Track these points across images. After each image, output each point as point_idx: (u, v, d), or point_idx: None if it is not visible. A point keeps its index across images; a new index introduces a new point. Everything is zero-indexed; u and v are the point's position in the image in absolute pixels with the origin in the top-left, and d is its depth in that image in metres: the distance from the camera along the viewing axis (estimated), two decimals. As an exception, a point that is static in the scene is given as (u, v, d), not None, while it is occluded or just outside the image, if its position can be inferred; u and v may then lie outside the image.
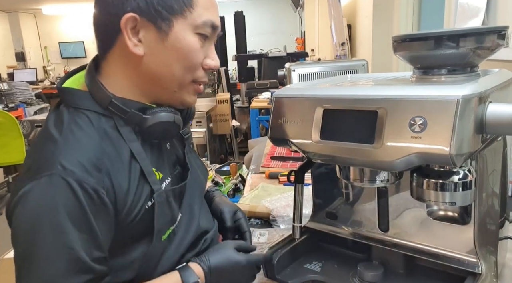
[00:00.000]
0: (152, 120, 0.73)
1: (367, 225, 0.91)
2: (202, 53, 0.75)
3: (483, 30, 0.67)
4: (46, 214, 0.63)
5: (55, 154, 0.66)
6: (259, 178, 1.64)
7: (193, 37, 0.73)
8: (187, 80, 0.76)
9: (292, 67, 1.85)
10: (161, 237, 0.75)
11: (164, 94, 0.77)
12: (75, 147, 0.67)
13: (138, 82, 0.75)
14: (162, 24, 0.70)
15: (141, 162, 0.73)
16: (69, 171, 0.64)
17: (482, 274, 0.74)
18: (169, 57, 0.72)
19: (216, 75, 4.46)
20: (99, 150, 0.68)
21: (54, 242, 0.63)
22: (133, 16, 0.69)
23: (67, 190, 0.63)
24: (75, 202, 0.63)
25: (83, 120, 0.70)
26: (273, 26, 8.79)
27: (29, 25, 9.09)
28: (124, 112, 0.72)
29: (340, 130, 0.68)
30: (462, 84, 0.61)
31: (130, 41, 0.70)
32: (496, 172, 0.77)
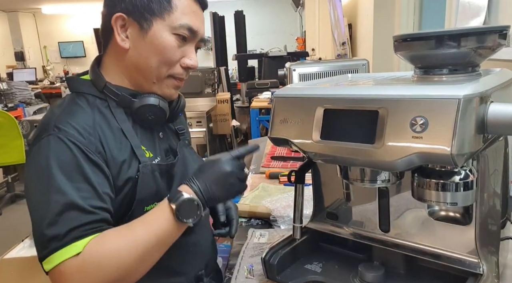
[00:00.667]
0: (139, 103, 0.86)
1: (368, 225, 0.91)
2: (180, 52, 0.86)
3: (484, 30, 0.67)
4: (43, 167, 0.74)
5: (52, 119, 0.79)
6: (260, 178, 1.64)
7: (169, 36, 0.84)
8: (163, 73, 0.86)
9: (292, 67, 1.85)
10: (144, 207, 0.84)
11: (146, 85, 0.88)
12: (70, 115, 0.80)
13: (127, 73, 0.88)
14: (144, 23, 0.83)
15: (130, 138, 0.84)
16: (63, 131, 0.77)
17: (483, 274, 0.73)
18: (147, 51, 0.84)
19: (216, 75, 4.46)
20: (92, 120, 0.81)
21: (47, 188, 0.73)
22: (121, 15, 0.83)
23: (61, 145, 0.75)
24: (68, 155, 0.75)
25: (81, 100, 0.85)
26: (273, 26, 8.79)
27: (29, 25, 9.09)
28: (116, 95, 0.86)
29: (341, 130, 0.68)
30: (463, 84, 0.61)
31: (118, 37, 0.84)
32: (497, 172, 0.76)
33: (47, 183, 0.73)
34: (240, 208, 1.28)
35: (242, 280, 0.91)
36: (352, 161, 0.69)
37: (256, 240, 1.10)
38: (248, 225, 1.23)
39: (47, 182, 0.73)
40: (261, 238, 1.11)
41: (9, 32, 8.80)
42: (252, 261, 0.98)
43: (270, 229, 1.17)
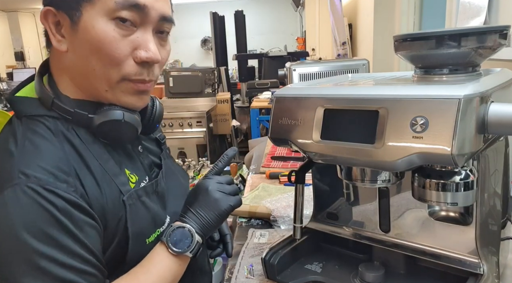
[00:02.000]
0: (98, 119, 0.67)
1: (368, 225, 0.91)
2: (127, 43, 0.65)
3: (484, 30, 0.67)
4: (9, 236, 0.56)
5: (14, 164, 0.59)
6: (260, 178, 1.64)
7: (105, 24, 0.63)
8: (113, 77, 0.66)
9: (292, 67, 1.85)
10: (144, 240, 0.71)
11: (99, 94, 0.69)
12: (35, 154, 0.61)
13: (76, 81, 0.69)
14: (72, 13, 0.63)
15: (104, 165, 0.68)
16: (33, 178, 0.58)
17: (484, 274, 0.73)
18: (85, 51, 0.64)
19: (216, 75, 4.46)
20: (62, 154, 0.63)
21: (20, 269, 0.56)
22: (50, 10, 0.64)
23: (34, 197, 0.57)
24: (45, 213, 0.57)
25: (39, 127, 0.65)
26: (273, 26, 8.79)
27: (29, 25, 9.09)
28: (67, 112, 0.66)
29: (341, 130, 0.68)
30: (463, 84, 0.60)
31: (53, 37, 0.66)
32: (498, 172, 0.76)
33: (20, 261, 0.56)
34: (240, 208, 1.27)
35: (242, 280, 0.91)
36: (352, 161, 0.69)
37: (256, 240, 1.10)
38: (248, 225, 1.23)
39: (20, 260, 0.56)
40: (261, 238, 1.11)
41: (9, 32, 8.81)
42: (252, 261, 0.98)
43: (270, 229, 1.17)
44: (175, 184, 0.85)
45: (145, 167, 0.78)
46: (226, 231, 0.94)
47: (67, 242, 0.58)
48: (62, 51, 0.66)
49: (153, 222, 0.73)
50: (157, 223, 0.74)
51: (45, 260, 0.56)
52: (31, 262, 0.56)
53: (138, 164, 0.76)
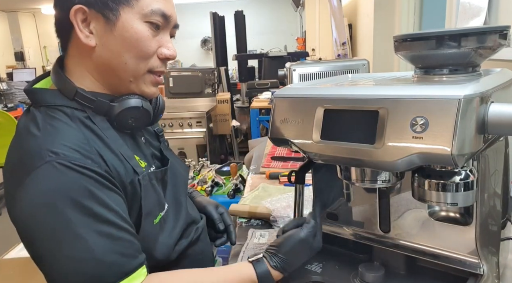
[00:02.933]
0: (119, 107, 0.76)
1: (368, 225, 0.91)
2: (155, 42, 0.76)
3: (484, 30, 0.67)
4: (51, 207, 0.62)
5: (41, 145, 0.66)
6: (260, 178, 1.64)
7: (141, 25, 0.74)
8: (141, 70, 0.77)
9: (292, 67, 1.85)
10: (152, 220, 0.77)
11: (122, 86, 0.78)
12: (58, 136, 0.68)
13: (97, 75, 0.77)
14: (110, 14, 0.72)
15: (120, 148, 0.75)
16: (62, 155, 0.65)
17: (484, 275, 0.73)
18: (119, 47, 0.74)
19: (216, 75, 4.46)
20: (82, 136, 0.70)
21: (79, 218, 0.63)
22: (81, 8, 0.72)
23: (67, 172, 0.64)
24: (80, 183, 0.64)
25: (58, 114, 0.72)
26: (273, 26, 8.79)
27: (29, 25, 9.09)
28: (91, 101, 0.74)
29: (341, 131, 0.68)
30: (463, 84, 0.60)
31: (81, 33, 0.73)
32: (498, 172, 0.76)
33: (63, 228, 0.62)
34: (240, 209, 1.28)
35: (242, 281, 0.91)
36: (352, 161, 0.69)
37: (256, 241, 1.10)
38: (248, 225, 1.23)
39: (63, 227, 0.62)
40: (261, 239, 1.11)
41: (9, 32, 8.81)
42: (252, 261, 0.98)
43: (270, 229, 1.17)
44: (175, 173, 0.89)
45: (149, 155, 0.85)
46: (229, 221, 0.99)
47: (102, 211, 0.65)
48: (90, 46, 0.73)
49: (158, 205, 0.79)
50: (160, 207, 0.80)
51: (82, 229, 0.63)
52: (70, 232, 0.62)
53: (145, 152, 0.84)
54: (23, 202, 0.64)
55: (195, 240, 0.90)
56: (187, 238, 0.87)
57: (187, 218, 0.88)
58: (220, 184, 2.37)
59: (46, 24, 9.13)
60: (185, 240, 0.86)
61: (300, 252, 0.80)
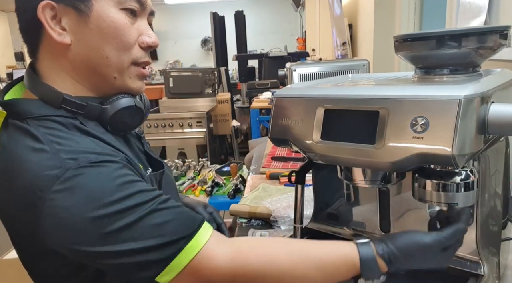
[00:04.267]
0: (112, 109, 0.71)
1: (368, 226, 0.91)
2: (134, 30, 0.71)
3: (485, 30, 0.67)
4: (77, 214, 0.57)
5: (54, 157, 0.60)
6: (260, 178, 1.64)
7: (118, 13, 0.69)
8: (124, 62, 0.71)
9: (293, 67, 1.85)
10: None
11: (105, 84, 0.72)
12: (66, 143, 0.62)
13: (77, 76, 0.71)
14: (81, 5, 0.66)
15: (123, 151, 0.71)
16: (81, 159, 0.60)
17: (484, 275, 0.73)
18: (97, 40, 0.68)
19: (216, 75, 4.46)
20: (88, 140, 0.65)
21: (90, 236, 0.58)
22: (49, 3, 0.65)
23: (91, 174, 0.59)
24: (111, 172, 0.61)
25: (52, 125, 0.65)
26: (273, 26, 8.79)
27: (30, 25, 9.09)
28: (81, 107, 0.68)
29: (341, 131, 0.68)
30: (464, 84, 0.60)
31: (53, 31, 0.66)
32: (498, 172, 0.76)
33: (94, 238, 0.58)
34: (240, 209, 1.28)
35: (242, 281, 0.91)
36: (353, 162, 0.69)
37: (257, 241, 1.10)
38: (249, 225, 1.23)
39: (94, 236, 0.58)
40: (261, 239, 1.11)
41: (9, 33, 8.80)
42: (252, 261, 0.98)
43: (270, 230, 1.17)
44: (167, 177, 0.87)
45: (141, 157, 0.82)
46: (220, 220, 0.98)
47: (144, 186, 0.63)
48: (65, 44, 0.67)
49: None
50: None
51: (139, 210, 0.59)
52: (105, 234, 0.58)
53: (138, 155, 0.81)
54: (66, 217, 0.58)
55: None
56: None
57: None
58: (220, 184, 2.37)
59: (47, 24, 9.14)
60: None
61: (415, 255, 0.68)
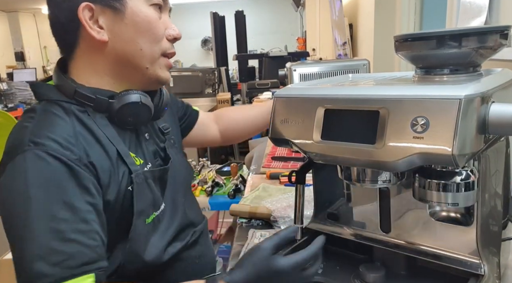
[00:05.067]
0: (118, 103, 0.76)
1: (369, 226, 0.91)
2: (162, 24, 0.78)
3: (485, 30, 0.67)
4: (20, 193, 0.63)
5: (26, 136, 0.68)
6: (260, 178, 1.64)
7: (148, 9, 0.76)
8: (156, 53, 0.78)
9: (293, 67, 1.85)
10: (144, 220, 0.77)
11: (137, 75, 0.79)
12: (46, 127, 0.69)
13: (110, 70, 0.78)
14: (117, 4, 0.73)
15: (117, 145, 0.75)
16: (41, 145, 0.66)
17: (484, 275, 0.73)
18: (133, 34, 0.75)
19: (217, 75, 4.46)
20: (73, 130, 0.71)
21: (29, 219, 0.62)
22: (88, 5, 0.72)
23: (39, 162, 0.64)
24: (49, 173, 0.65)
25: (54, 108, 0.74)
26: (274, 26, 8.79)
27: (29, 25, 9.09)
28: (90, 99, 0.75)
29: (342, 131, 0.68)
30: (464, 84, 0.60)
31: (92, 30, 0.73)
32: (499, 172, 0.76)
33: (27, 212, 0.62)
34: (240, 209, 1.28)
35: (242, 281, 0.91)
36: (353, 161, 0.69)
37: (257, 241, 1.10)
38: (249, 225, 1.23)
39: (27, 211, 0.62)
40: (261, 239, 1.11)
41: (9, 33, 8.81)
42: (252, 261, 0.98)
43: (270, 230, 1.17)
44: (177, 174, 0.89)
45: (150, 153, 0.84)
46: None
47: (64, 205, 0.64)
48: (103, 41, 0.74)
49: (153, 205, 0.80)
50: (155, 206, 0.80)
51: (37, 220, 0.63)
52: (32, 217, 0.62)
53: (143, 149, 0.83)
54: (1, 186, 0.66)
55: (192, 243, 0.89)
56: (182, 241, 0.86)
57: (183, 220, 0.87)
58: (221, 184, 2.37)
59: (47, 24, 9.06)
60: (179, 243, 0.85)
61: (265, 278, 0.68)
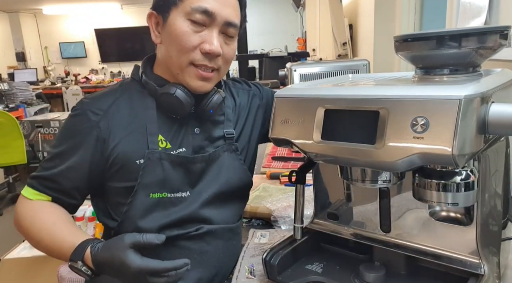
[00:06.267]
0: (160, 91, 0.89)
1: (368, 225, 0.91)
2: (197, 37, 0.85)
3: (485, 30, 0.67)
4: (65, 125, 0.92)
5: (87, 96, 0.94)
6: (260, 178, 1.64)
7: (183, 22, 0.84)
8: (183, 62, 0.86)
9: (293, 67, 1.85)
10: (148, 194, 0.87)
11: (174, 77, 0.90)
12: (97, 95, 0.93)
13: (164, 67, 0.92)
14: (165, 14, 0.87)
15: (149, 124, 0.89)
16: (79, 103, 0.91)
17: (484, 275, 0.73)
18: (167, 41, 0.87)
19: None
20: (112, 101, 0.90)
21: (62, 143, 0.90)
22: (152, 13, 0.90)
23: (73, 114, 0.90)
24: (72, 123, 0.90)
25: (123, 84, 0.96)
26: (274, 26, 8.79)
27: (30, 25, 9.09)
28: (147, 84, 0.91)
29: (342, 131, 0.68)
30: (464, 84, 0.60)
31: (153, 33, 0.91)
32: (498, 172, 0.76)
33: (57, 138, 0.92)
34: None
35: (243, 280, 0.91)
36: (353, 161, 0.69)
37: (257, 241, 1.10)
38: (249, 225, 1.23)
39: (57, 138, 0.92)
40: (262, 239, 1.11)
41: (10, 33, 8.80)
42: (253, 261, 0.98)
43: (271, 230, 1.17)
44: (221, 174, 0.95)
45: (190, 145, 0.92)
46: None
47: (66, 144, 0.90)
48: (158, 43, 0.91)
49: (162, 184, 0.88)
50: (167, 187, 0.89)
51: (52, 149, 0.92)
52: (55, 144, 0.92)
53: (181, 138, 0.92)
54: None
55: (194, 236, 0.92)
56: (182, 230, 0.90)
57: (194, 214, 0.91)
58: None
59: (47, 24, 9.14)
60: (178, 229, 0.90)
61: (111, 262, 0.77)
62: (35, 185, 0.90)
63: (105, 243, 0.80)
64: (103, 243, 0.80)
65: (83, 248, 0.80)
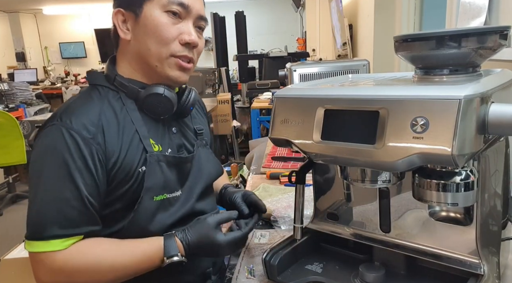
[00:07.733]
0: (145, 93, 0.89)
1: (368, 226, 0.91)
2: (176, 29, 0.87)
3: (485, 30, 0.67)
4: (48, 152, 0.80)
5: (59, 112, 0.84)
6: (260, 178, 1.64)
7: (160, 14, 0.86)
8: (163, 54, 0.87)
9: (293, 67, 1.85)
10: (152, 196, 0.87)
11: (152, 72, 0.90)
12: (77, 107, 0.85)
13: (135, 65, 0.91)
14: (137, 9, 0.87)
15: (139, 129, 0.87)
16: (65, 122, 0.81)
17: (484, 275, 0.73)
18: (143, 35, 0.87)
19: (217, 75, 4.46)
20: (98, 113, 0.85)
21: (38, 178, 0.79)
22: (119, 11, 0.89)
23: (60, 136, 0.80)
24: (64, 146, 0.79)
25: (93, 92, 0.89)
26: (274, 26, 8.79)
27: (30, 26, 9.09)
28: (125, 86, 0.90)
29: (342, 131, 0.68)
30: (464, 84, 0.60)
31: (121, 31, 0.90)
32: (498, 172, 0.76)
33: (39, 172, 0.80)
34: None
35: (242, 281, 0.91)
36: (353, 162, 0.69)
37: (257, 241, 1.10)
38: (249, 225, 1.23)
39: (39, 171, 0.80)
40: (261, 239, 1.11)
41: (10, 33, 8.80)
42: (252, 261, 0.98)
43: (270, 230, 1.17)
44: (202, 169, 1.00)
45: (173, 145, 0.94)
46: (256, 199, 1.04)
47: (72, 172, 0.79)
48: (127, 40, 0.89)
49: (163, 185, 0.89)
50: (166, 188, 0.90)
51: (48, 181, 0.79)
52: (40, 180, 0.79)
53: (166, 139, 0.93)
54: (34, 144, 0.84)
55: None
56: (184, 226, 0.92)
57: (191, 209, 0.95)
58: (221, 184, 2.37)
59: (47, 24, 9.14)
60: (181, 227, 0.91)
61: (204, 244, 0.86)
62: (58, 233, 0.78)
63: (192, 230, 0.86)
64: (188, 231, 0.86)
65: (172, 243, 0.84)
